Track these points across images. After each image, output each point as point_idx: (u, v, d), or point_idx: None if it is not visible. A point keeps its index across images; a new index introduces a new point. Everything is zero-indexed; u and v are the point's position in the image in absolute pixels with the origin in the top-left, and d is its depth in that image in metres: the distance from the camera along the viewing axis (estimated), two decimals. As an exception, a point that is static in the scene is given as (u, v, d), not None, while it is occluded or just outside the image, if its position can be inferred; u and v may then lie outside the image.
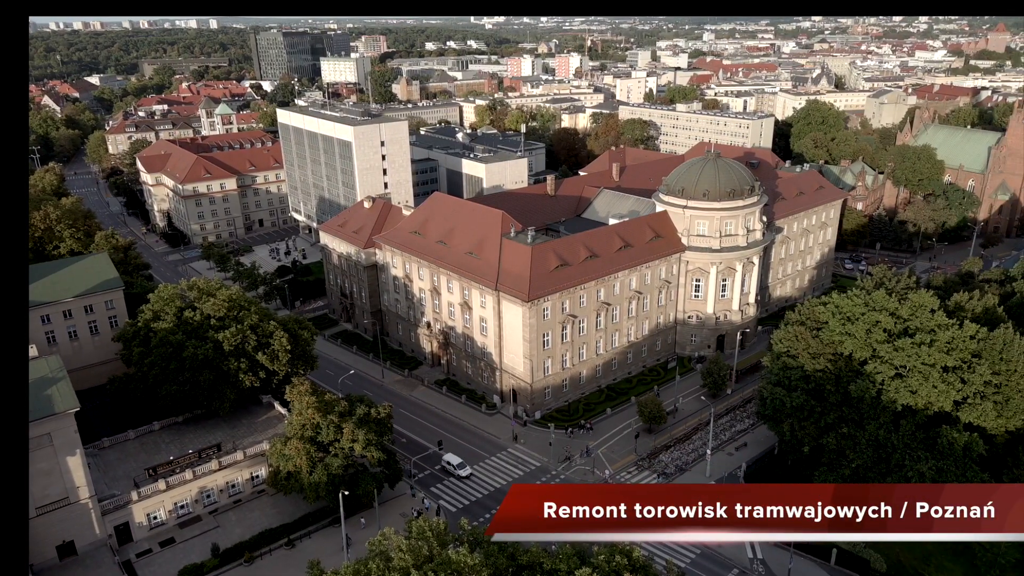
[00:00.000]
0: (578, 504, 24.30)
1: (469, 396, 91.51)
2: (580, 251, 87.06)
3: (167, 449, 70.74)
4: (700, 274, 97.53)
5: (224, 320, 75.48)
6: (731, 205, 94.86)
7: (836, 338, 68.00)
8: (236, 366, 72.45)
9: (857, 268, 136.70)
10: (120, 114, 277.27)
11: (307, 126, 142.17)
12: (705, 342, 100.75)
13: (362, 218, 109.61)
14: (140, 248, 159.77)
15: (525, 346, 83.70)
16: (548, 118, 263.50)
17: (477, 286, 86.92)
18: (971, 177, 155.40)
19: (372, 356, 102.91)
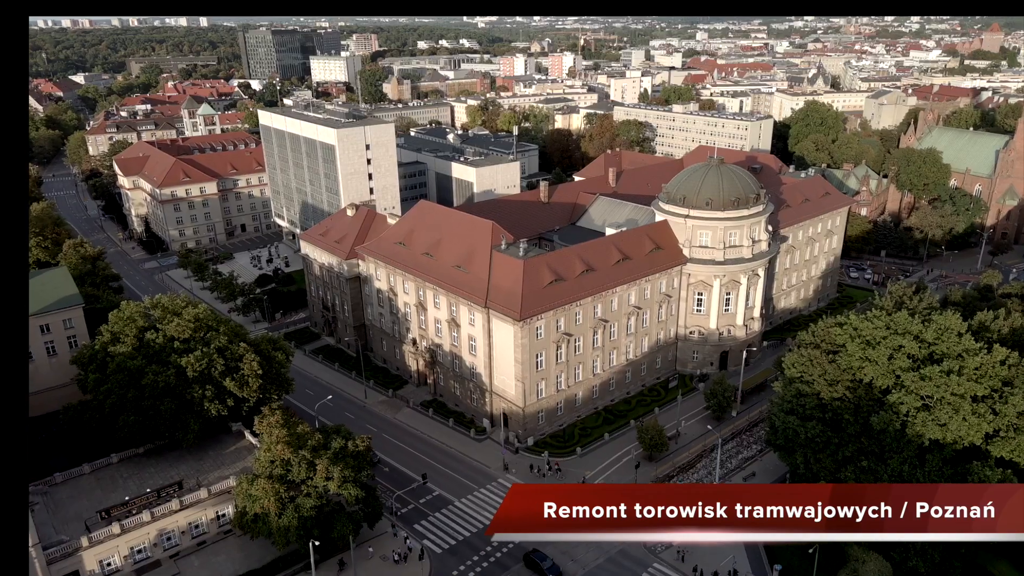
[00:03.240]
0: (578, 504, 24.17)
1: (457, 419, 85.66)
2: (575, 265, 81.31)
3: (125, 485, 64.59)
4: (702, 287, 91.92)
5: (189, 342, 69.44)
6: (736, 215, 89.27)
7: (855, 364, 62.42)
8: (201, 394, 66.39)
9: (863, 276, 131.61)
10: (101, 114, 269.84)
11: (289, 128, 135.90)
12: (707, 359, 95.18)
13: (345, 227, 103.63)
14: (116, 255, 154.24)
15: (516, 368, 77.87)
16: (541, 119, 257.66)
17: (465, 302, 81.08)
18: (978, 181, 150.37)
19: (355, 374, 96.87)
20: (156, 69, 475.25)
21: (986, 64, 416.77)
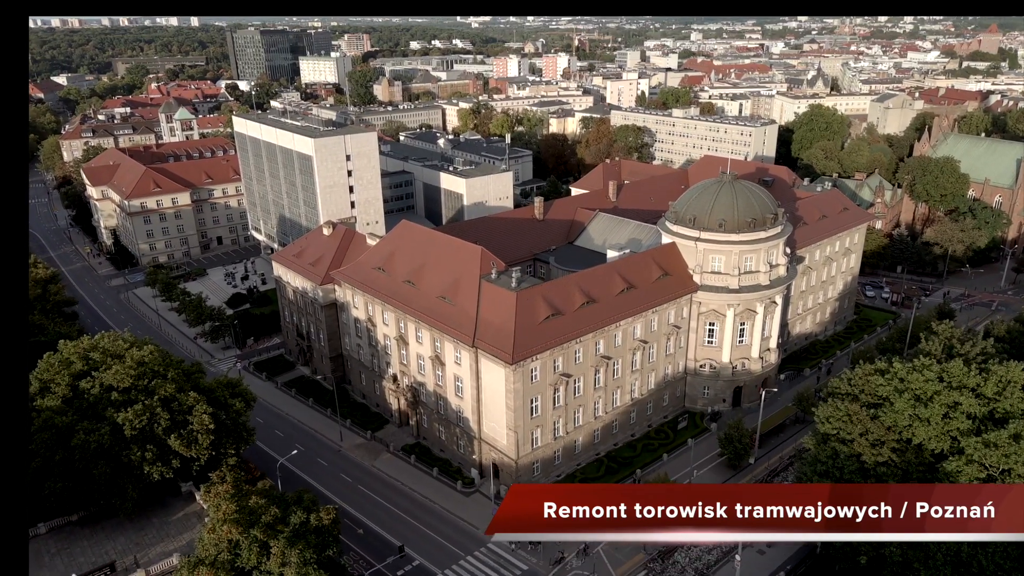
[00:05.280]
0: (578, 504, 23.79)
1: (442, 468, 76.48)
2: (575, 296, 72.25)
3: (52, 564, 55.40)
4: (714, 317, 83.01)
5: (130, 392, 60.17)
6: (752, 237, 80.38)
7: (903, 423, 53.66)
8: (140, 456, 57.18)
9: (880, 295, 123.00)
10: (78, 118, 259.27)
11: (265, 136, 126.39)
12: (719, 395, 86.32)
13: (321, 247, 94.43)
14: (81, 271, 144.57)
15: (508, 415, 68.75)
16: (535, 123, 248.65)
17: (451, 339, 71.96)
18: (998, 192, 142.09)
19: (330, 411, 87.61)
20: (142, 70, 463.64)
21: (986, 66, 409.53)
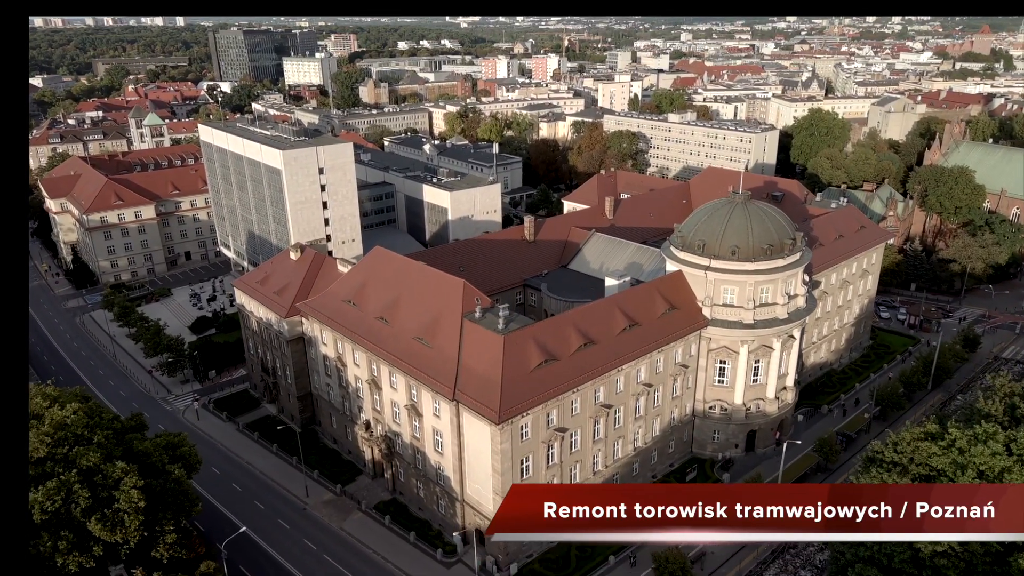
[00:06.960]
0: (578, 504, 23.29)
1: (420, 532, 67.11)
2: (571, 337, 63.14)
3: None
4: (726, 355, 74.12)
5: (45, 464, 50.66)
6: (769, 266, 71.51)
7: (966, 505, 44.89)
8: (51, 545, 47.67)
9: (895, 317, 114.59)
10: (47, 122, 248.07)
11: (232, 147, 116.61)
12: (731, 440, 77.49)
13: (287, 273, 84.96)
14: (37, 290, 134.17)
15: (495, 479, 59.57)
16: (525, 127, 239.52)
17: (428, 388, 62.75)
18: (1015, 204, 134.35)
19: (296, 460, 78.13)
20: (122, 71, 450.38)
21: (981, 67, 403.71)
